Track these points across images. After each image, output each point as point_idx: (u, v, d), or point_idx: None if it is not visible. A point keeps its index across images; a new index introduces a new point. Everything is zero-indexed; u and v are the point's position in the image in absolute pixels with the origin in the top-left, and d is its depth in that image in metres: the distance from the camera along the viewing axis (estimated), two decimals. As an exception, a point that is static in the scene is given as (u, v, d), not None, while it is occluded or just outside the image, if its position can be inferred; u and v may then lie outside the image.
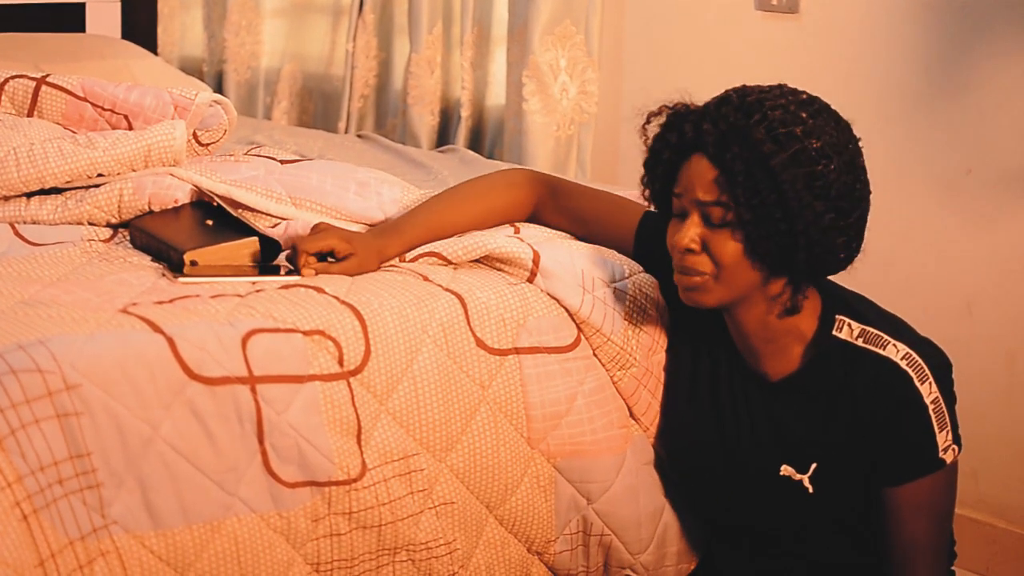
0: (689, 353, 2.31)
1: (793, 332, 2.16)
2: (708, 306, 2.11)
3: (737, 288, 2.09)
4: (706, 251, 2.07)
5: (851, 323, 2.15)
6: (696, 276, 2.08)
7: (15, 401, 1.79)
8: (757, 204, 2.01)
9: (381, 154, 3.42)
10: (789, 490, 2.19)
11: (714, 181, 2.04)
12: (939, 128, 3.12)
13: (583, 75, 3.78)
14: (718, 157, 2.04)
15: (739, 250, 2.05)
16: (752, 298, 2.12)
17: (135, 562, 1.89)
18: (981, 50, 3.06)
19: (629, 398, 2.30)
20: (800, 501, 2.19)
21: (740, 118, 2.04)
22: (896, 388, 2.10)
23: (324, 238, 2.22)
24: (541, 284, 2.26)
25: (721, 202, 2.04)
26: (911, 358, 2.10)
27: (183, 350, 1.92)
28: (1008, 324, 3.08)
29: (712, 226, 2.06)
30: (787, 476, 2.19)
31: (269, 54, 4.66)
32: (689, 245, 2.07)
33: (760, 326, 2.15)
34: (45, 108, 2.63)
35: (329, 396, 2.02)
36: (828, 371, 2.15)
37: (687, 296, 2.12)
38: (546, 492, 2.24)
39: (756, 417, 2.22)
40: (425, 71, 4.15)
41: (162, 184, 2.40)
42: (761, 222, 2.02)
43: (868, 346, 2.12)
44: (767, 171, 2.00)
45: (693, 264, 2.08)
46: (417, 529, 2.12)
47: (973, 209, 3.08)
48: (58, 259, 2.24)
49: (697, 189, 2.06)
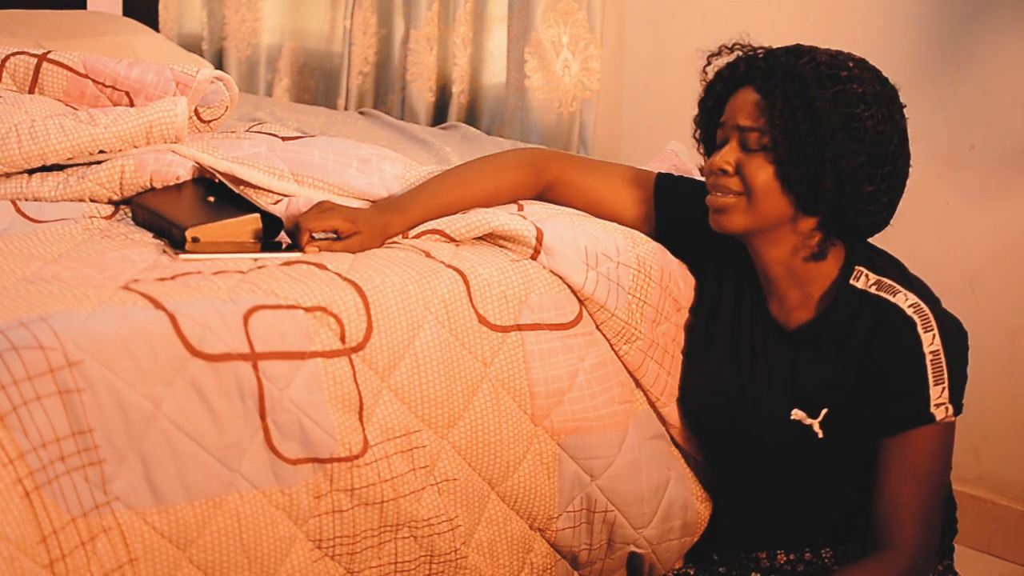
0: (711, 298, 2.36)
1: (817, 279, 2.22)
2: (734, 230, 2.18)
3: (765, 215, 2.16)
4: (739, 174, 2.16)
5: (868, 273, 2.20)
6: (728, 197, 2.16)
7: (17, 378, 1.79)
8: (791, 128, 2.11)
9: (383, 131, 3.42)
10: (800, 435, 2.22)
11: (755, 107, 2.15)
12: (942, 105, 3.11)
13: (585, 51, 3.78)
14: (763, 88, 2.14)
15: (771, 174, 2.13)
16: (778, 233, 2.18)
17: (137, 538, 1.89)
18: (984, 27, 3.05)
19: (636, 370, 2.30)
20: (810, 446, 2.22)
21: (790, 57, 2.16)
22: (898, 332, 2.14)
23: (327, 217, 2.21)
24: (545, 262, 2.26)
25: (758, 127, 2.14)
26: (918, 307, 2.15)
27: (185, 327, 1.92)
28: (1010, 301, 3.08)
29: (748, 151, 2.16)
30: (797, 420, 2.22)
31: (269, 31, 4.66)
32: (722, 166, 2.16)
33: (785, 267, 2.22)
34: (46, 85, 2.63)
35: (331, 373, 2.02)
36: (841, 318, 2.20)
37: (716, 220, 2.19)
38: (549, 469, 2.24)
39: (772, 364, 2.27)
40: (424, 48, 4.15)
41: (164, 161, 2.40)
42: (793, 147, 2.11)
43: (880, 293, 2.18)
44: (805, 99, 2.11)
45: (726, 184, 2.16)
46: (419, 506, 2.12)
47: (975, 186, 3.08)
48: (60, 236, 2.24)
49: (739, 115, 2.17)
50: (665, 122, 3.71)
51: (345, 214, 2.23)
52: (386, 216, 2.28)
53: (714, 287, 2.36)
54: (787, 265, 2.21)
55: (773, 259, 2.22)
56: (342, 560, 2.07)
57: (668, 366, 2.34)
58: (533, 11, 3.76)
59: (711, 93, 2.25)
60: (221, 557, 1.96)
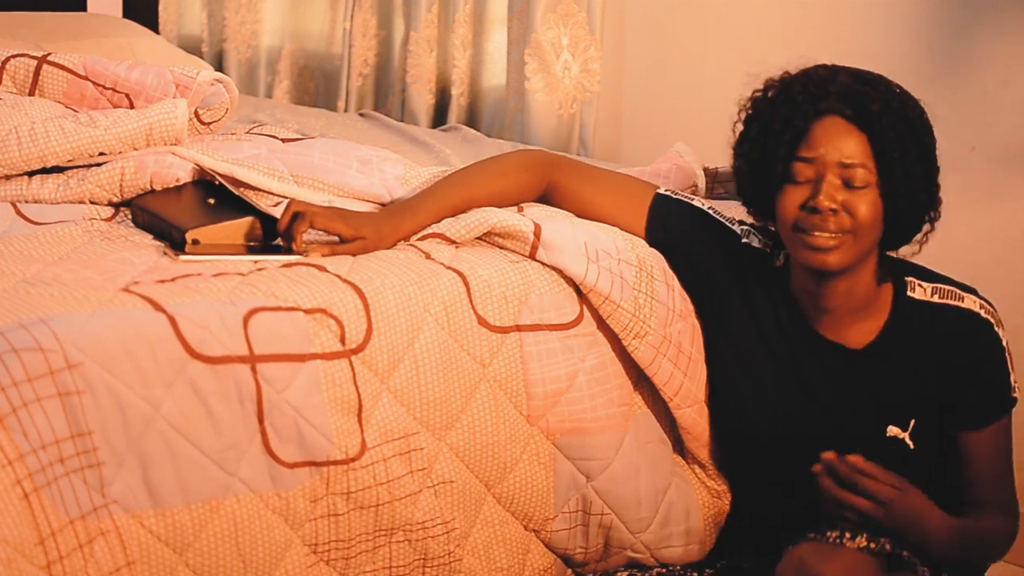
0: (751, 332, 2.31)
1: (875, 300, 2.24)
2: (838, 268, 2.16)
3: (865, 248, 2.16)
4: (846, 211, 2.13)
5: (921, 283, 2.25)
6: (838, 236, 2.13)
7: (17, 379, 1.79)
8: (907, 163, 2.12)
9: (383, 133, 3.42)
10: (894, 450, 2.24)
11: (858, 143, 2.12)
12: (942, 106, 3.09)
13: (585, 53, 3.78)
14: (859, 119, 2.12)
15: (877, 209, 2.13)
16: (863, 262, 2.19)
17: (134, 542, 1.89)
18: (984, 28, 3.05)
19: (647, 367, 2.28)
20: (903, 459, 2.23)
21: (865, 86, 2.15)
22: (982, 334, 2.22)
23: (330, 218, 2.19)
24: (544, 257, 2.25)
25: (865, 164, 2.12)
26: (987, 307, 2.24)
27: (185, 329, 1.91)
28: (1011, 301, 3.07)
29: (852, 187, 2.12)
30: (893, 436, 2.24)
31: (269, 33, 4.66)
32: (832, 206, 2.12)
33: (849, 297, 2.21)
34: (46, 87, 2.63)
35: (330, 375, 2.02)
36: (913, 330, 2.23)
37: (816, 258, 2.15)
38: (545, 469, 2.24)
39: (848, 386, 2.26)
40: (424, 50, 4.14)
41: (164, 163, 2.40)
42: (910, 181, 2.13)
43: (946, 301, 2.23)
44: (913, 132, 2.14)
45: (836, 223, 2.13)
46: (415, 509, 2.12)
47: (976, 186, 3.08)
48: (60, 238, 2.24)
49: (839, 151, 2.13)
50: (665, 123, 3.71)
51: (350, 219, 2.21)
52: (394, 220, 2.26)
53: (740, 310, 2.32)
54: (853, 292, 2.20)
55: (842, 291, 2.20)
56: (337, 565, 2.07)
57: (684, 367, 2.31)
58: (533, 13, 3.76)
59: (790, 125, 2.15)
60: (217, 561, 1.96)
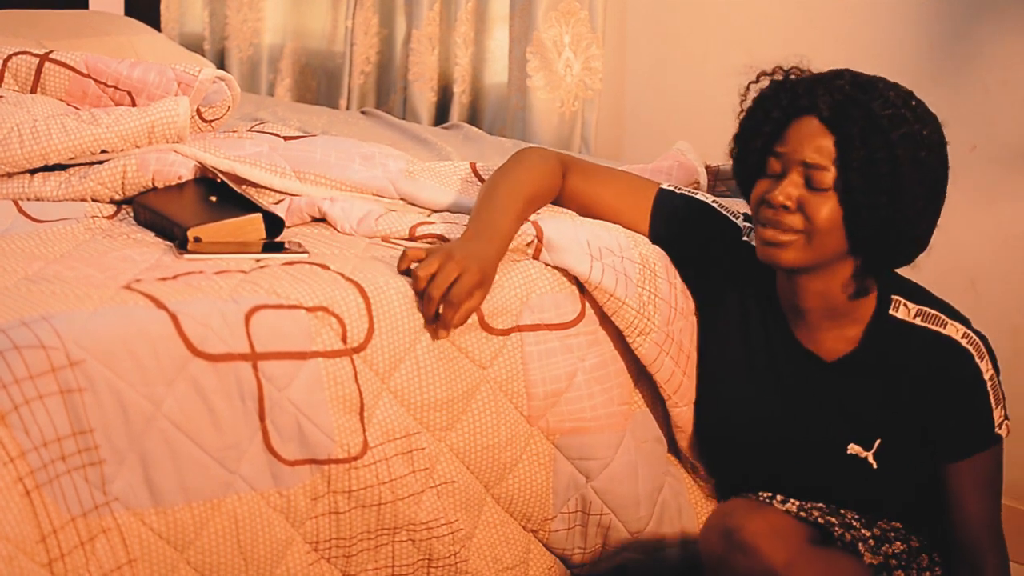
0: (734, 329, 2.31)
1: (853, 311, 2.19)
2: (785, 265, 2.13)
3: (821, 253, 2.11)
4: (800, 211, 2.10)
5: (907, 303, 2.19)
6: (787, 234, 2.10)
7: (18, 377, 1.79)
8: (870, 173, 2.05)
9: (385, 130, 3.42)
10: (854, 467, 2.21)
11: (825, 145, 2.08)
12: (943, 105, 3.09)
13: (587, 51, 3.78)
14: (833, 122, 2.08)
15: (838, 215, 2.08)
16: (827, 269, 2.14)
17: (135, 539, 1.89)
18: (985, 27, 3.05)
19: (651, 365, 2.28)
20: (863, 477, 2.22)
21: (856, 91, 2.09)
22: (959, 365, 2.15)
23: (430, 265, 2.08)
24: (547, 258, 2.25)
25: (828, 167, 2.08)
26: (970, 337, 2.16)
27: (186, 326, 1.92)
28: (1012, 300, 3.08)
29: (813, 188, 2.09)
30: (854, 454, 2.21)
31: (271, 31, 4.66)
32: (785, 202, 2.10)
33: (824, 301, 2.18)
34: (48, 85, 2.63)
35: (332, 373, 2.02)
36: (887, 349, 2.19)
37: (767, 252, 2.13)
38: (545, 470, 2.24)
39: (817, 397, 2.24)
40: (426, 48, 4.15)
41: (166, 160, 2.40)
42: (869, 191, 2.06)
43: (927, 324, 2.17)
44: (886, 143, 2.06)
45: (786, 221, 2.10)
46: (418, 508, 2.12)
47: (978, 186, 3.08)
48: (62, 236, 2.24)
49: (806, 150, 2.10)
50: (667, 121, 3.71)
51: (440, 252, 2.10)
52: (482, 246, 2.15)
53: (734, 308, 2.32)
54: (826, 299, 2.18)
55: (813, 292, 2.18)
56: (338, 563, 2.07)
57: (683, 365, 2.32)
58: (535, 11, 3.76)
59: (767, 119, 2.16)
60: (218, 559, 1.96)
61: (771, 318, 2.27)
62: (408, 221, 2.34)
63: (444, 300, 2.07)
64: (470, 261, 2.09)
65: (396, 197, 2.47)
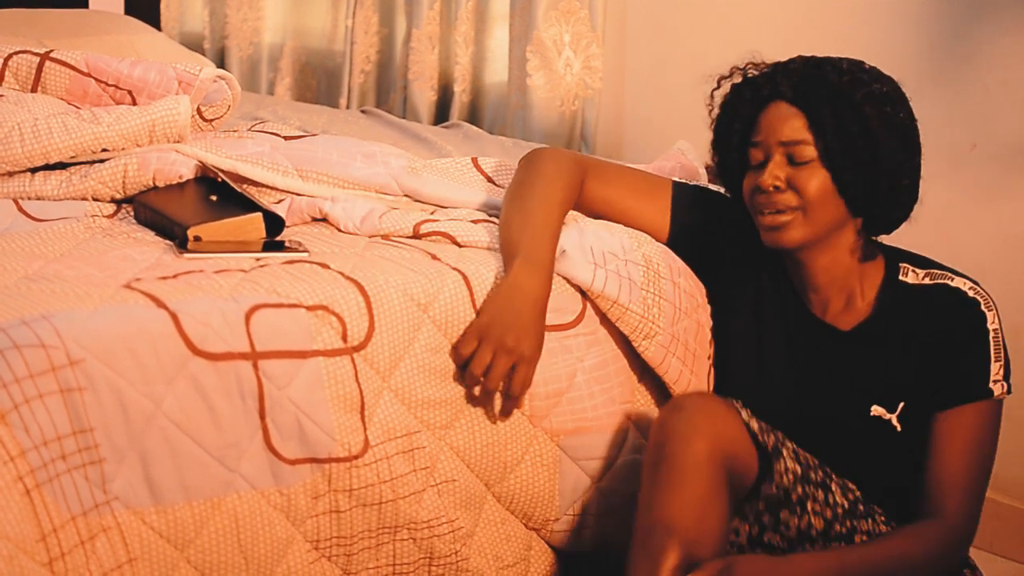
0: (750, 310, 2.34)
1: (863, 280, 2.25)
2: (793, 245, 2.19)
3: (822, 224, 2.18)
4: (791, 188, 2.16)
5: (915, 269, 2.26)
6: (785, 213, 2.17)
7: (19, 376, 1.79)
8: (844, 135, 2.14)
9: (384, 129, 3.41)
10: (878, 430, 2.23)
11: (796, 121, 2.16)
12: (943, 104, 3.11)
13: (587, 50, 3.78)
14: (799, 99, 2.16)
15: (827, 182, 2.16)
16: (832, 239, 2.21)
17: (136, 538, 1.89)
18: (985, 26, 3.05)
19: (658, 367, 2.28)
20: (888, 440, 2.23)
21: (811, 69, 2.19)
22: (964, 311, 2.20)
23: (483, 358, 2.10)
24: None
25: (805, 140, 2.15)
26: (977, 288, 2.22)
27: (186, 325, 1.92)
28: (1013, 298, 3.07)
29: (796, 164, 2.16)
30: (877, 416, 2.23)
31: (271, 30, 4.66)
32: (775, 183, 2.16)
33: (834, 272, 2.24)
34: (49, 84, 2.63)
35: (332, 372, 2.02)
36: (901, 313, 2.23)
37: (772, 236, 2.19)
38: (549, 471, 2.24)
39: (836, 367, 2.26)
40: (426, 47, 4.15)
41: (166, 159, 2.40)
42: (847, 153, 2.14)
43: (937, 281, 2.23)
44: (851, 105, 2.14)
45: (781, 200, 2.17)
46: (419, 507, 2.12)
47: (978, 184, 3.08)
48: (62, 235, 2.24)
49: (779, 131, 2.17)
50: (667, 120, 3.71)
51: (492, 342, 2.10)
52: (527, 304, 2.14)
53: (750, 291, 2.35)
54: (835, 270, 2.24)
55: (824, 266, 2.23)
56: (339, 561, 2.07)
57: (691, 364, 2.32)
58: (535, 10, 3.76)
59: (737, 115, 2.24)
60: (218, 558, 1.96)
61: (784, 296, 2.31)
62: (412, 219, 2.34)
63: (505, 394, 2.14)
64: (520, 342, 2.11)
65: (399, 193, 2.48)
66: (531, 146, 3.30)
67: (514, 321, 2.12)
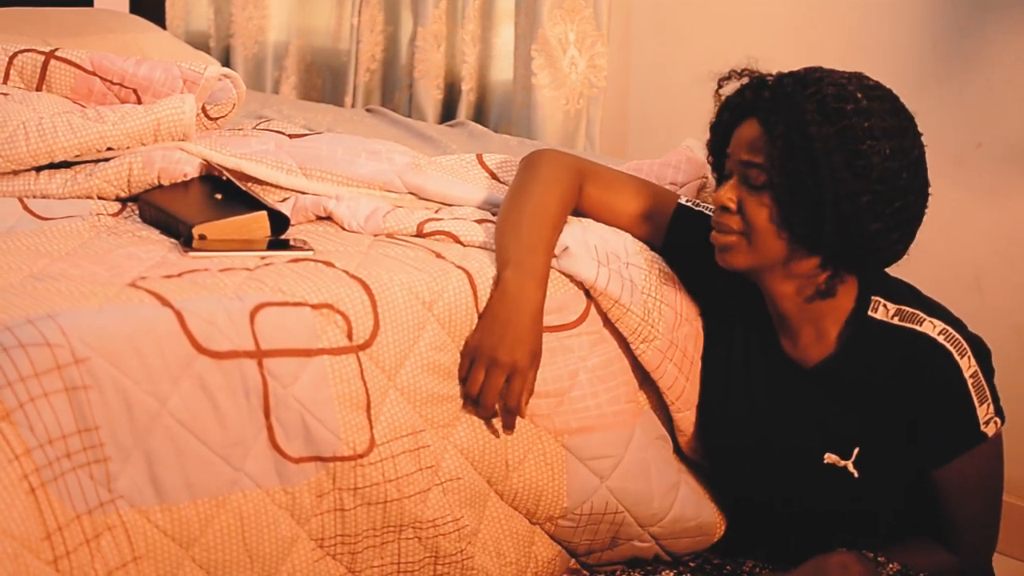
0: (723, 338, 2.30)
1: (830, 314, 2.16)
2: (736, 268, 2.13)
3: (765, 255, 2.09)
4: (740, 212, 2.09)
5: (886, 304, 2.15)
6: (729, 235, 2.10)
7: (24, 374, 1.79)
8: (789, 168, 2.03)
9: (390, 128, 3.42)
10: (834, 476, 2.18)
11: (757, 143, 2.07)
12: (948, 103, 3.11)
13: (592, 49, 3.78)
14: (766, 122, 2.06)
15: (772, 213, 2.06)
16: (780, 271, 2.12)
17: (140, 537, 1.89)
18: (990, 25, 3.05)
19: (654, 371, 2.28)
20: (845, 486, 2.18)
21: (796, 88, 2.06)
22: (934, 363, 2.10)
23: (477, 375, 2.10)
24: (554, 263, 2.24)
25: (758, 164, 2.06)
26: (948, 333, 2.11)
27: (192, 324, 1.92)
28: (1017, 298, 3.08)
29: (750, 187, 2.08)
30: (831, 463, 2.18)
31: (276, 28, 4.67)
32: (725, 203, 2.09)
33: (793, 304, 2.16)
34: (54, 82, 2.63)
35: (338, 370, 2.02)
36: (864, 352, 2.14)
37: (720, 257, 2.14)
38: (554, 471, 2.23)
39: (794, 404, 2.21)
40: (432, 45, 4.15)
41: (171, 158, 2.40)
42: (791, 188, 2.03)
43: (904, 323, 2.12)
44: (804, 137, 2.02)
45: (727, 222, 2.10)
46: (424, 506, 2.12)
47: (982, 184, 3.08)
48: (67, 233, 2.24)
49: (741, 149, 2.10)
50: (672, 119, 3.71)
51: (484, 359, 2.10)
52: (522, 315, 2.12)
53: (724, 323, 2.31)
54: (795, 302, 2.15)
55: (783, 295, 2.15)
56: (344, 559, 2.07)
57: (687, 371, 2.31)
58: (540, 8, 3.76)
59: (719, 121, 2.18)
60: (223, 556, 1.96)
61: (758, 327, 2.25)
62: (416, 218, 2.34)
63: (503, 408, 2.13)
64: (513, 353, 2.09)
65: (403, 190, 2.48)
66: (536, 145, 3.31)
67: (505, 333, 2.10)
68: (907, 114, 2.08)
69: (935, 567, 2.17)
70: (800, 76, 2.09)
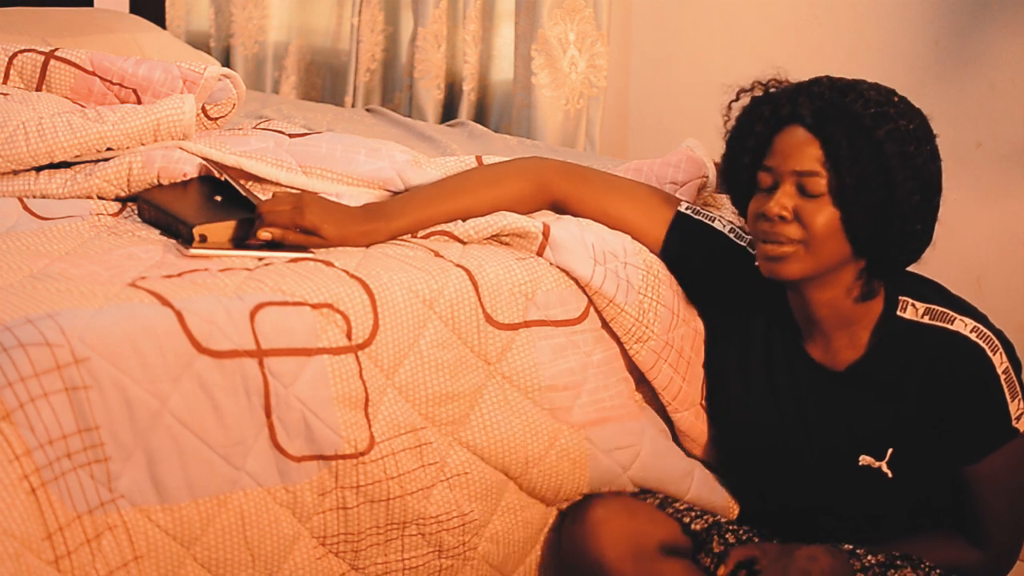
0: (738, 343, 2.29)
1: (863, 316, 2.16)
2: (789, 278, 2.11)
3: (823, 260, 2.08)
4: (797, 220, 2.07)
5: (915, 303, 2.15)
6: (786, 245, 2.08)
7: (24, 374, 1.79)
8: (859, 173, 2.03)
9: (390, 128, 3.42)
10: (869, 478, 2.18)
11: (813, 151, 2.06)
12: (949, 102, 3.11)
13: (592, 49, 3.78)
14: (817, 128, 2.06)
15: (835, 219, 2.06)
16: (831, 277, 2.12)
17: (141, 536, 1.89)
18: (990, 25, 3.05)
19: (648, 371, 2.28)
20: (880, 488, 2.18)
21: (836, 95, 2.07)
22: (968, 361, 2.11)
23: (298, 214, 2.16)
24: (551, 257, 2.25)
25: (819, 171, 2.05)
26: (980, 331, 2.12)
27: (192, 323, 1.92)
28: (1018, 298, 3.08)
29: (807, 196, 2.07)
30: (866, 465, 2.18)
31: (276, 28, 4.67)
32: (781, 213, 2.07)
33: (832, 309, 2.15)
34: (54, 82, 2.63)
35: (337, 369, 2.02)
36: (896, 352, 2.15)
37: (770, 267, 2.11)
38: (576, 465, 2.24)
39: (826, 408, 2.21)
40: (432, 45, 4.15)
41: (171, 158, 2.40)
42: (861, 192, 2.04)
43: (935, 322, 2.13)
44: (871, 142, 2.03)
45: (784, 232, 2.08)
46: (428, 503, 2.12)
47: (983, 183, 3.08)
48: (67, 233, 2.24)
49: (795, 159, 2.07)
50: (672, 119, 3.71)
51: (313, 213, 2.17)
52: (368, 224, 2.21)
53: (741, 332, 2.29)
54: (835, 307, 2.15)
55: (822, 302, 2.15)
56: (346, 557, 2.08)
57: (684, 372, 2.31)
58: (540, 8, 3.76)
59: (750, 133, 2.15)
60: (225, 555, 1.96)
61: (781, 335, 2.25)
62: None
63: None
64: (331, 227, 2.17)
65: (402, 188, 2.48)
66: (536, 145, 3.31)
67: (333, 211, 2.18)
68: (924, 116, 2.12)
69: (956, 561, 2.18)
70: (830, 83, 2.10)
